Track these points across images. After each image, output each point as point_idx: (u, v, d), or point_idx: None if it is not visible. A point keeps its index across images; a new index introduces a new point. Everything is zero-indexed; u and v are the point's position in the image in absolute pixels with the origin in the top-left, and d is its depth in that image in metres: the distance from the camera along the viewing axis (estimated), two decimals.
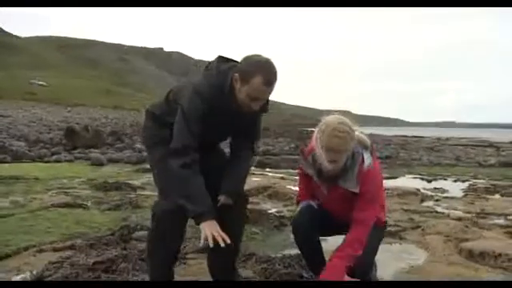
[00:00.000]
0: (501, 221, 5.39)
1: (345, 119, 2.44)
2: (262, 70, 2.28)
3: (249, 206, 2.94)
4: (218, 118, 2.42)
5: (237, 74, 2.33)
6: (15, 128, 20.69)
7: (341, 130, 2.39)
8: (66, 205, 5.25)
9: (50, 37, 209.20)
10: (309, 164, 2.65)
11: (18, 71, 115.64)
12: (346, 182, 2.50)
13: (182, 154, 2.33)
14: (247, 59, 2.36)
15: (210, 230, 2.23)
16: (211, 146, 2.64)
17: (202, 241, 2.26)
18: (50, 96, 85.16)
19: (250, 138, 2.63)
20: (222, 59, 2.46)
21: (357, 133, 2.52)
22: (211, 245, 2.21)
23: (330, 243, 2.91)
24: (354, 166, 2.49)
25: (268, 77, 2.29)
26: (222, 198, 2.47)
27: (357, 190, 2.47)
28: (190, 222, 2.45)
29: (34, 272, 2.94)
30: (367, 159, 2.52)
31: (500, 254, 3.60)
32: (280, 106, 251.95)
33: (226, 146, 2.77)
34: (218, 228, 2.27)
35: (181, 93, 2.48)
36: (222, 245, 2.21)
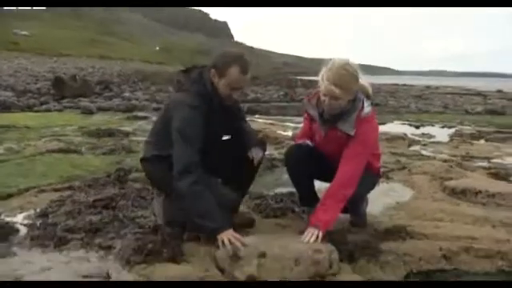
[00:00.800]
0: (484, 163, 5.58)
1: (353, 63, 2.54)
2: (236, 61, 2.44)
3: None
4: (213, 119, 2.51)
5: (213, 70, 2.46)
6: (0, 78, 20.31)
7: (347, 69, 2.49)
8: (61, 150, 5.31)
9: None
10: (312, 105, 2.74)
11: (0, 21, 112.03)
12: (344, 124, 2.58)
13: (186, 173, 2.38)
14: (221, 54, 2.51)
15: (227, 237, 2.28)
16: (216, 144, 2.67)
17: (221, 249, 2.28)
18: (34, 46, 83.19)
19: (244, 119, 2.84)
20: (185, 70, 2.61)
21: (361, 81, 2.62)
22: (230, 252, 2.22)
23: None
24: (354, 110, 2.58)
25: (244, 66, 2.45)
26: (253, 154, 2.62)
27: (352, 133, 2.56)
28: None
29: (38, 210, 3.06)
30: (367, 107, 2.61)
31: (480, 191, 3.77)
32: (269, 54, 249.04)
33: None
34: (233, 233, 2.33)
35: (168, 114, 2.51)
36: (242, 249, 2.22)
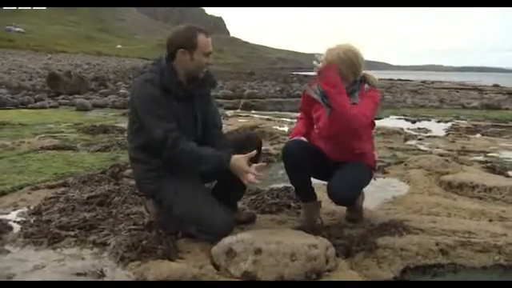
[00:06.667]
0: (480, 157, 5.57)
1: (356, 48, 2.64)
2: (195, 30, 2.48)
3: None
4: (176, 106, 2.47)
5: (181, 50, 2.44)
6: None
7: (347, 55, 2.60)
8: (55, 147, 5.29)
9: None
10: (313, 89, 2.79)
11: None
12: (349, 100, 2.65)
13: (166, 139, 2.37)
14: (176, 35, 2.50)
15: (244, 170, 2.40)
16: None
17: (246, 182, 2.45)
18: (29, 43, 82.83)
19: (219, 125, 2.76)
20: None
21: (366, 71, 2.74)
22: (257, 181, 2.45)
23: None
24: (357, 89, 2.68)
25: (204, 30, 2.50)
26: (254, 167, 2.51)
27: (357, 101, 2.63)
28: None
29: (32, 207, 3.02)
30: (366, 86, 2.72)
31: (477, 185, 3.76)
32: (265, 49, 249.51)
33: None
34: (244, 164, 2.42)
35: (131, 105, 2.52)
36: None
